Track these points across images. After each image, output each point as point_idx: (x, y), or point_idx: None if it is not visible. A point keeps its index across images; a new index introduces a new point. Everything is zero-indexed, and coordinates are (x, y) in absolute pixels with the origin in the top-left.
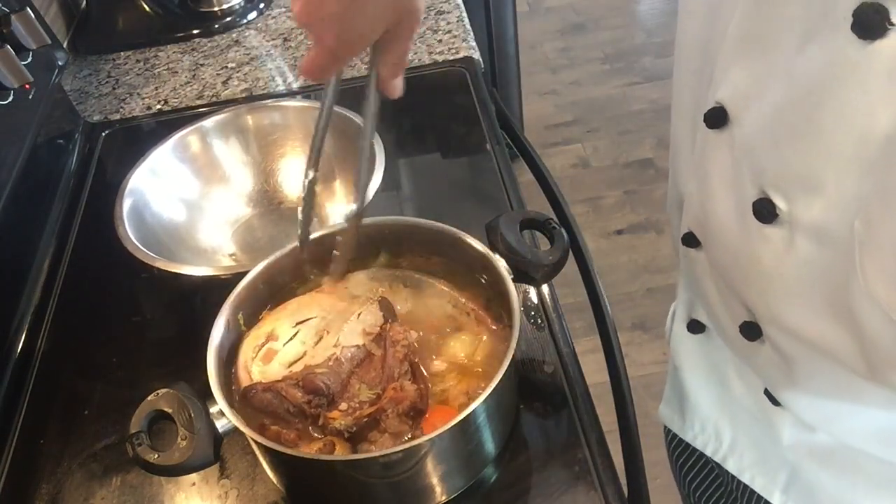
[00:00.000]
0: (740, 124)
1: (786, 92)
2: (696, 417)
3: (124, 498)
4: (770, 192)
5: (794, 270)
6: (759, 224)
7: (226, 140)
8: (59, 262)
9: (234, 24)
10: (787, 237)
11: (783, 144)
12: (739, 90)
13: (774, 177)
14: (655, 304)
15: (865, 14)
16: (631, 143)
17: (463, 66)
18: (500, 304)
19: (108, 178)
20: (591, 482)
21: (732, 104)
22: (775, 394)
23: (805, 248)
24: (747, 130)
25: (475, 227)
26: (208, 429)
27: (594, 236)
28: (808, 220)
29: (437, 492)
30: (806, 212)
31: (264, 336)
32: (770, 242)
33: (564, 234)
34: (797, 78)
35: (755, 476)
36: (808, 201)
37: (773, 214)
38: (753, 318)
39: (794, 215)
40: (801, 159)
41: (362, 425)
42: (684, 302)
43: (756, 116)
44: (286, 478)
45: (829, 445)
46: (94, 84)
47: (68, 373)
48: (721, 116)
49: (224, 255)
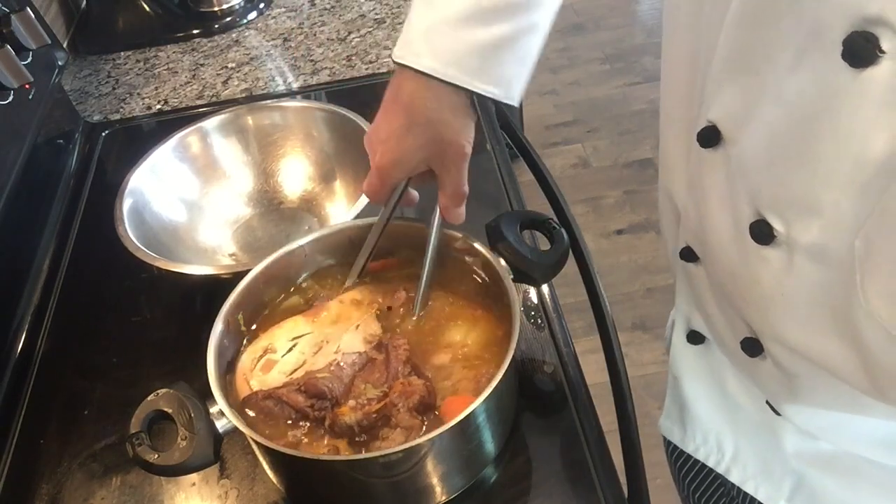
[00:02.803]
0: (734, 144)
1: (779, 114)
2: (698, 429)
3: (124, 498)
4: (766, 215)
5: (795, 290)
6: (756, 245)
7: (226, 140)
8: (59, 262)
9: (234, 24)
10: (786, 258)
11: (778, 167)
12: (732, 110)
13: (770, 199)
14: (655, 304)
15: (856, 43)
16: (631, 143)
17: None
18: (500, 304)
19: (108, 178)
20: (591, 482)
21: (725, 124)
22: (777, 407)
23: (805, 268)
24: (741, 151)
25: (475, 227)
26: (208, 429)
27: (594, 236)
28: (807, 242)
29: (437, 492)
30: (804, 233)
31: (261, 349)
32: (769, 263)
33: (564, 234)
34: (790, 100)
35: (759, 486)
36: (806, 223)
37: (771, 236)
38: (754, 335)
39: (791, 237)
40: (796, 182)
41: (373, 422)
42: (683, 313)
43: (750, 138)
44: (286, 478)
45: (832, 452)
46: (94, 84)
47: (68, 373)
48: (714, 136)
49: (224, 255)
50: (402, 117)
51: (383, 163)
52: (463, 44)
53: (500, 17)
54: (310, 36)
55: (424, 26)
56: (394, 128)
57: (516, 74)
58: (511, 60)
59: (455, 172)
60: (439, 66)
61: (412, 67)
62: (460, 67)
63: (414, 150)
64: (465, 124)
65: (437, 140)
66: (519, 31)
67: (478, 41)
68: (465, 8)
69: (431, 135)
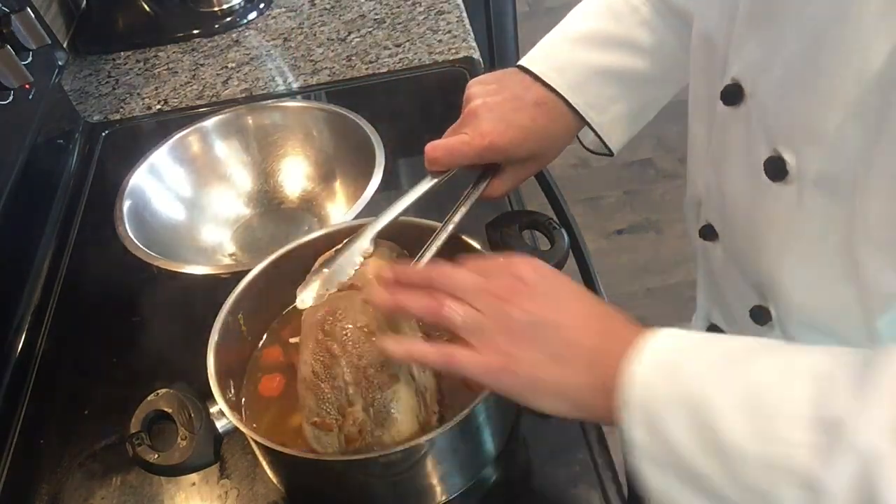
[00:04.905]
0: (755, 95)
1: (794, 47)
2: None
3: (124, 498)
4: (780, 149)
5: (805, 229)
6: (770, 183)
7: (226, 140)
8: (59, 262)
9: (234, 24)
10: (797, 192)
11: (790, 97)
12: (754, 61)
13: (784, 131)
14: (655, 304)
15: None
16: (631, 143)
17: (463, 66)
18: None
19: (108, 178)
20: (591, 482)
21: (747, 77)
22: None
23: (814, 201)
24: (761, 97)
25: (475, 227)
26: (208, 429)
27: (594, 236)
28: (815, 172)
29: (437, 491)
30: (812, 163)
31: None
32: (782, 200)
33: (564, 234)
34: (804, 29)
35: None
36: (814, 151)
37: (784, 171)
38: (763, 302)
39: (801, 169)
40: (805, 108)
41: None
42: (703, 309)
43: (769, 80)
44: (286, 478)
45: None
46: (94, 84)
47: (68, 373)
48: (737, 93)
49: (224, 255)
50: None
51: (489, 128)
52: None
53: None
54: (310, 36)
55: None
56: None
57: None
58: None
59: (523, 175)
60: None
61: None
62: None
63: (520, 127)
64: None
65: (538, 132)
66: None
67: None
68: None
69: (540, 125)
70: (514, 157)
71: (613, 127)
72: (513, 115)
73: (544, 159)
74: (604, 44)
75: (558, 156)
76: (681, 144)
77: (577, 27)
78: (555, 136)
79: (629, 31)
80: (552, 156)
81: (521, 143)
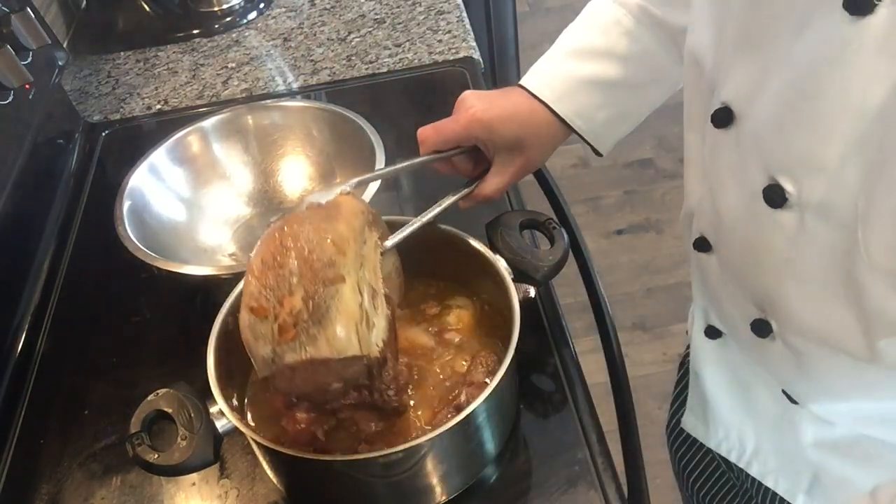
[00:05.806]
0: (746, 119)
1: (786, 79)
2: (720, 424)
3: (124, 498)
4: (779, 178)
5: (806, 253)
6: (770, 210)
7: (226, 140)
8: (59, 262)
9: (234, 24)
10: (798, 219)
11: (787, 128)
12: (743, 87)
13: (781, 161)
14: (655, 304)
15: None
16: (631, 143)
17: (463, 66)
18: (500, 303)
19: (108, 178)
20: (591, 482)
21: (737, 102)
22: (790, 391)
23: (815, 229)
24: (753, 124)
25: (475, 227)
26: (208, 429)
27: (594, 236)
28: (816, 201)
29: (437, 491)
30: (813, 193)
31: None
32: (782, 227)
33: (564, 234)
34: (796, 63)
35: (779, 480)
36: (814, 182)
37: (783, 199)
38: (763, 315)
39: (802, 198)
40: (803, 141)
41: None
42: (700, 308)
43: (760, 108)
44: (286, 478)
45: (850, 438)
46: (94, 84)
47: (68, 373)
48: (727, 116)
49: (224, 255)
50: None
51: (480, 114)
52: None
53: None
54: (310, 36)
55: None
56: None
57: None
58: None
59: (514, 174)
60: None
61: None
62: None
63: (509, 118)
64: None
65: (522, 123)
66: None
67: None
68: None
69: (523, 116)
70: (500, 138)
71: (600, 132)
72: (497, 99)
73: (531, 153)
74: (589, 55)
75: (550, 156)
76: (681, 145)
77: (567, 42)
78: (538, 124)
79: (613, 41)
80: (539, 152)
81: (505, 121)
